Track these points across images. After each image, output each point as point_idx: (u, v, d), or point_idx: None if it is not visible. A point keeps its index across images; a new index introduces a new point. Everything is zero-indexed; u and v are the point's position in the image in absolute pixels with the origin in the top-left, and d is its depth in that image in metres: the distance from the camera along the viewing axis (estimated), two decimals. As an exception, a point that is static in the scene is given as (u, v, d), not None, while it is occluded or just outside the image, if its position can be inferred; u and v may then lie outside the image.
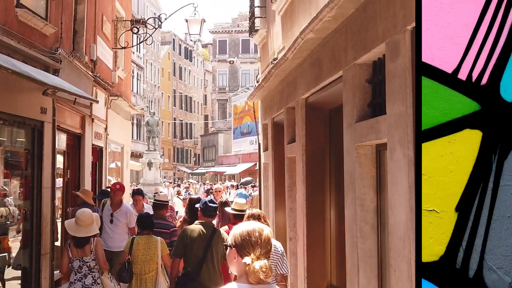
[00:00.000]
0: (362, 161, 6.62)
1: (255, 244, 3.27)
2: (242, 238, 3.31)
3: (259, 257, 3.25)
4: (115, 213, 10.75)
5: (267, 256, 3.30)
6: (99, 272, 8.01)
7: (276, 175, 12.58)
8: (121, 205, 10.84)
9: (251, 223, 3.42)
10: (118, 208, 10.77)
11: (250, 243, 3.28)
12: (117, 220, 10.73)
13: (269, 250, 3.33)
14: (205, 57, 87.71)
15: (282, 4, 10.74)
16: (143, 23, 16.75)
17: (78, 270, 7.92)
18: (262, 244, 3.28)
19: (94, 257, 7.92)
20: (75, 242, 7.85)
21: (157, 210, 9.80)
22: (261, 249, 3.27)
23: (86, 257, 7.88)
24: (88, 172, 14.41)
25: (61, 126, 12.12)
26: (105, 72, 16.14)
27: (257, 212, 7.22)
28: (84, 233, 7.78)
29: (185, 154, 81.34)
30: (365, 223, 6.56)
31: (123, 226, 10.77)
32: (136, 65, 59.14)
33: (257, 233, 3.31)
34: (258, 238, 3.29)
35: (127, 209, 10.85)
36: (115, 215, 10.75)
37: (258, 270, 3.21)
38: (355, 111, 6.71)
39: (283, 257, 6.83)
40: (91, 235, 7.87)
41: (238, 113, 56.39)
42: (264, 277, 3.22)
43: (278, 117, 12.38)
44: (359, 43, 6.47)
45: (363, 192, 6.58)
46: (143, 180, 34.54)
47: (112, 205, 10.83)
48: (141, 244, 8.17)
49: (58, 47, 11.18)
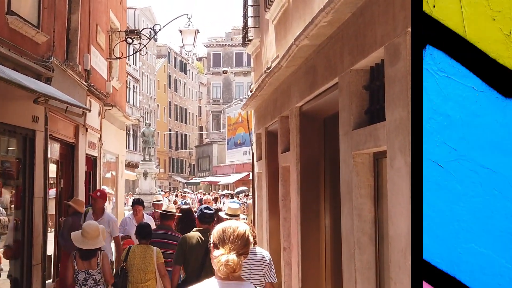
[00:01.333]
0: (359, 170, 6.44)
1: (227, 240, 3.37)
2: (218, 235, 3.44)
3: (230, 252, 3.32)
4: (98, 221, 10.19)
5: (240, 252, 3.36)
6: (104, 285, 7.96)
7: (270, 184, 12.43)
8: (103, 213, 10.51)
9: (230, 222, 3.56)
10: (100, 217, 10.38)
11: (223, 238, 3.39)
12: None
13: (243, 246, 3.39)
14: (200, 70, 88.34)
15: (276, 13, 10.60)
16: (138, 34, 16.65)
17: (84, 282, 7.83)
18: (234, 240, 3.37)
19: (100, 270, 7.85)
20: (81, 254, 7.79)
21: (164, 221, 9.50)
22: (232, 245, 3.35)
23: (92, 270, 7.80)
24: (82, 181, 14.28)
25: (53, 135, 11.99)
26: (100, 82, 16.01)
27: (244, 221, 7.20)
28: (90, 245, 7.73)
29: (180, 165, 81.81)
30: (363, 234, 6.38)
31: (106, 235, 10.46)
32: (133, 77, 59.64)
33: (231, 229, 3.42)
34: (231, 234, 3.39)
35: (110, 218, 10.53)
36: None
37: (223, 263, 3.28)
38: (352, 118, 6.54)
39: (271, 266, 6.87)
40: (97, 247, 7.84)
41: (231, 124, 56.55)
42: (228, 271, 3.29)
43: (272, 126, 12.22)
44: (356, 48, 6.32)
45: (361, 202, 6.40)
46: (139, 190, 34.71)
47: (94, 214, 10.46)
48: (137, 253, 8.18)
49: (50, 55, 11.05)
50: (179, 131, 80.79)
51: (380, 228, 6.27)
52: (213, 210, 8.37)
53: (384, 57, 5.48)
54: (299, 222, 9.09)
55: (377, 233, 6.35)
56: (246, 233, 3.45)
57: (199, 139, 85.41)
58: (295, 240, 9.41)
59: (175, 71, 79.33)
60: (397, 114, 5.04)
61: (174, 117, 79.45)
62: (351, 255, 6.48)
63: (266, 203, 12.66)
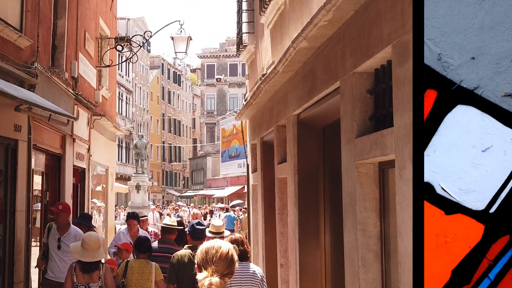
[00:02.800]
0: (364, 181, 6.03)
1: (210, 261, 3.34)
2: (201, 256, 3.41)
3: (213, 274, 3.28)
4: (63, 237, 9.65)
5: (224, 273, 3.32)
6: None
7: (265, 197, 12.16)
8: (68, 227, 9.74)
9: (213, 241, 3.52)
10: (66, 231, 9.67)
11: (206, 260, 3.37)
12: (66, 245, 9.47)
13: (227, 267, 3.35)
14: (194, 81, 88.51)
15: (271, 17, 10.25)
16: (128, 41, 16.18)
17: None
18: (217, 261, 3.34)
19: (102, 283, 7.59)
20: (81, 267, 7.50)
21: (165, 235, 9.12)
22: (216, 266, 3.31)
23: (93, 284, 7.53)
24: (69, 194, 13.86)
25: (38, 146, 11.55)
26: (88, 91, 15.56)
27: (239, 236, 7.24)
28: (91, 257, 7.47)
29: (174, 177, 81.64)
30: (368, 250, 5.95)
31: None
32: (125, 88, 59.83)
33: (214, 250, 3.39)
34: (214, 255, 3.36)
35: (77, 232, 9.69)
36: (63, 239, 9.64)
37: (206, 287, 3.24)
38: (355, 125, 6.10)
39: (263, 282, 6.86)
40: (98, 260, 7.60)
41: (226, 136, 56.62)
42: None
43: (268, 136, 11.96)
44: (359, 48, 5.88)
45: (365, 215, 5.98)
46: (131, 203, 34.64)
47: (58, 229, 9.71)
48: (136, 268, 8.04)
49: (34, 61, 10.55)
50: (173, 144, 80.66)
51: (387, 245, 5.91)
52: (205, 225, 8.09)
53: (392, 57, 5.08)
54: (297, 237, 8.75)
55: (383, 250, 5.97)
56: (229, 253, 3.41)
57: (193, 151, 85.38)
58: (293, 257, 9.08)
59: (168, 82, 79.33)
60: (407, 119, 4.60)
61: (168, 129, 79.35)
62: (355, 274, 6.09)
63: (262, 217, 12.41)
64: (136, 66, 63.38)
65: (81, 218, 11.74)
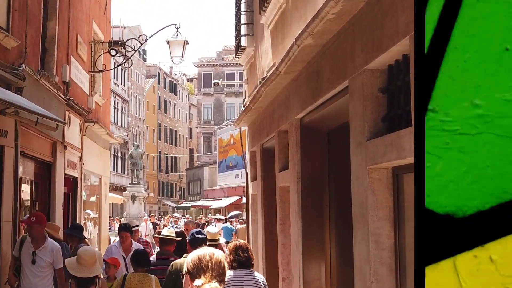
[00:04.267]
0: (376, 188, 5.57)
1: (205, 268, 3.33)
2: (193, 263, 3.38)
3: (211, 280, 3.28)
4: (38, 251, 8.96)
5: (219, 279, 3.32)
6: None
7: (266, 207, 11.84)
8: (44, 240, 9.05)
9: (203, 249, 3.52)
10: (41, 245, 8.98)
11: (201, 267, 3.34)
12: (41, 260, 8.92)
13: (222, 273, 3.36)
14: (190, 90, 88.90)
15: (272, 16, 9.87)
16: (122, 45, 15.69)
17: None
18: (213, 268, 3.33)
19: None
20: (77, 283, 7.19)
21: (164, 246, 8.71)
22: (212, 272, 3.31)
23: None
24: (60, 204, 13.41)
25: (26, 152, 11.08)
26: (80, 97, 15.10)
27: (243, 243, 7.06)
28: (86, 273, 7.22)
29: (170, 188, 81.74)
30: (381, 264, 5.49)
31: (48, 267, 8.98)
32: (121, 98, 59.94)
33: (207, 256, 3.38)
34: (208, 261, 3.35)
35: (53, 246, 9.07)
36: (38, 253, 8.95)
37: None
38: (366, 126, 5.63)
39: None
40: (94, 275, 7.34)
41: (223, 146, 56.58)
42: None
43: (268, 142, 11.62)
44: (371, 43, 5.42)
45: (378, 225, 5.52)
46: (126, 214, 34.38)
47: (33, 242, 9.01)
48: (134, 282, 7.86)
49: (22, 62, 10.07)
50: (169, 154, 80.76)
51: (402, 257, 5.48)
52: (205, 234, 7.96)
53: (409, 49, 4.66)
54: (300, 249, 8.39)
55: (397, 263, 5.53)
56: (222, 260, 3.41)
57: (189, 161, 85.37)
58: (296, 270, 8.73)
59: (164, 91, 79.50)
60: (428, 117, 4.04)
61: (164, 139, 79.46)
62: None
63: (262, 227, 12.10)
64: (132, 75, 63.37)
65: (72, 229, 11.27)
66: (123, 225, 11.03)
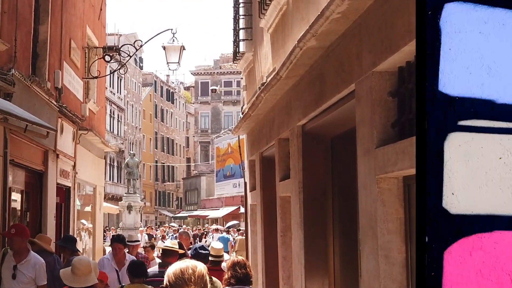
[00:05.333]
0: (386, 199, 5.29)
1: (188, 281, 3.32)
2: (175, 276, 3.35)
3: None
4: (20, 265, 8.37)
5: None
6: None
7: (266, 218, 11.65)
8: (27, 254, 8.46)
9: (184, 261, 3.49)
10: (23, 259, 8.38)
11: (183, 280, 3.32)
12: (22, 275, 8.32)
13: (204, 286, 3.36)
14: (187, 99, 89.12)
15: (272, 19, 9.61)
16: (117, 51, 15.36)
17: None
18: (196, 281, 3.33)
19: None
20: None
21: (166, 258, 8.35)
22: (195, 286, 3.32)
23: None
24: (52, 214, 13.02)
25: (16, 161, 10.68)
26: (74, 104, 14.76)
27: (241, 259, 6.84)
28: (81, 283, 7.09)
29: (167, 198, 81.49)
30: (392, 280, 5.21)
31: (29, 283, 8.37)
32: (117, 106, 59.78)
33: (190, 269, 3.36)
34: (191, 274, 3.33)
35: (36, 260, 8.48)
36: (20, 268, 8.36)
37: None
38: (375, 133, 5.33)
39: None
40: (89, 285, 7.18)
41: (220, 155, 56.69)
42: None
43: (268, 151, 11.42)
44: (379, 44, 5.11)
45: (388, 239, 5.23)
46: (122, 224, 34.06)
47: (15, 255, 8.42)
48: None
49: (11, 67, 9.69)
50: (166, 163, 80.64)
51: (413, 273, 5.15)
52: (208, 250, 7.99)
53: None
54: (302, 262, 8.17)
55: (409, 280, 5.30)
56: (205, 273, 3.40)
57: (186, 171, 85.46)
58: (297, 285, 8.54)
59: (161, 100, 79.52)
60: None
61: (161, 148, 79.30)
62: (377, 308, 5.40)
63: (261, 239, 11.93)
64: (128, 83, 63.44)
65: (64, 241, 10.80)
66: (116, 236, 10.59)
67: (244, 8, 12.76)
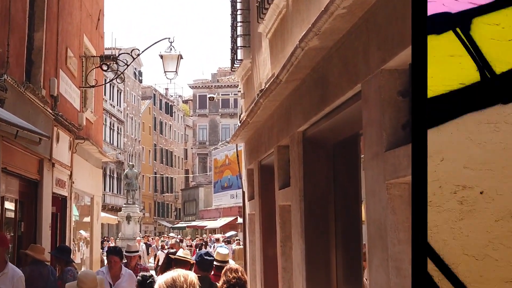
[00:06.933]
0: (397, 206, 4.90)
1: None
2: (167, 285, 3.38)
3: None
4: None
5: None
6: None
7: (264, 227, 11.31)
8: (4, 266, 8.03)
9: (175, 271, 3.52)
10: (1, 271, 7.94)
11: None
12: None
13: None
14: (186, 112, 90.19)
15: (271, 23, 9.30)
16: (114, 59, 15.10)
17: None
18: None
19: None
20: None
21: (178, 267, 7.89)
22: None
23: None
24: (47, 224, 12.77)
25: (10, 169, 10.42)
26: (70, 112, 14.53)
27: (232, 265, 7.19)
28: None
29: (166, 208, 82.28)
30: None
31: None
32: (117, 119, 60.40)
33: (182, 278, 3.41)
34: (183, 282, 3.38)
35: (14, 273, 8.05)
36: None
37: None
38: (384, 135, 4.98)
39: None
40: None
41: (218, 167, 56.93)
42: None
43: (267, 159, 11.12)
44: (389, 39, 4.80)
45: (399, 250, 4.85)
46: (121, 235, 34.32)
47: None
48: None
49: (3, 73, 9.40)
50: (165, 174, 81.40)
51: None
52: (213, 257, 7.87)
53: None
54: (304, 274, 7.83)
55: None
56: (196, 282, 3.45)
57: (185, 182, 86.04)
58: None
59: (160, 113, 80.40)
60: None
61: (160, 160, 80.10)
62: (387, 323, 5.01)
63: (260, 249, 11.56)
64: (127, 96, 63.96)
65: (58, 251, 10.46)
66: (112, 248, 10.15)
67: (242, 15, 12.51)
